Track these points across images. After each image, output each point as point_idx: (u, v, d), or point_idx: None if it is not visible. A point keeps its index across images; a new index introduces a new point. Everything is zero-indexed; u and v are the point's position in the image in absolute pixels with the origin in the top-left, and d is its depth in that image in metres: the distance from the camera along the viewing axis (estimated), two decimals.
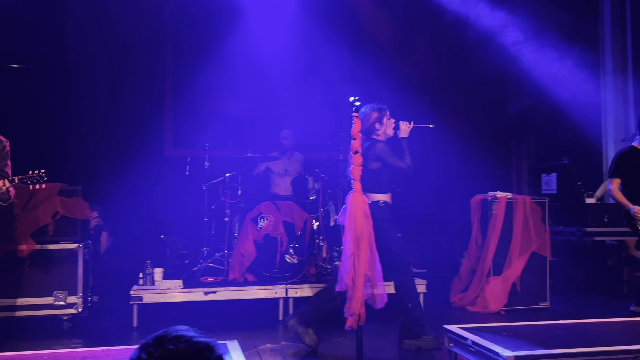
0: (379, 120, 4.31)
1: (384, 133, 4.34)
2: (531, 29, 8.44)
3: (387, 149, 4.25)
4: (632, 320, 3.57)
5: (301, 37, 7.47)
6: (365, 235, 3.10)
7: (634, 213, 4.58)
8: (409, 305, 4.05)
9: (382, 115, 4.33)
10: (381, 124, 4.32)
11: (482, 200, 5.62)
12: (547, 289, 5.52)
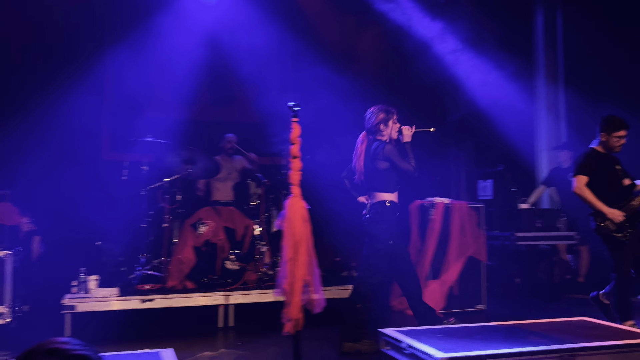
0: (385, 121, 4.42)
1: (388, 135, 4.44)
2: (469, 39, 8.70)
3: (395, 150, 4.37)
4: (559, 320, 3.72)
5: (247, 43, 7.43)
6: (304, 240, 3.11)
7: (612, 216, 4.49)
8: (358, 305, 4.13)
9: (389, 117, 4.44)
10: (386, 125, 4.42)
11: (420, 205, 5.74)
12: (483, 292, 5.69)
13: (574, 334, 3.26)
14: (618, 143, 4.59)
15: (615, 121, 4.59)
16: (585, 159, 4.62)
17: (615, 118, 4.62)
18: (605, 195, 4.58)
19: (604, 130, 4.62)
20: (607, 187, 4.61)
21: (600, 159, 4.67)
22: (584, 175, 4.60)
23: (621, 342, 2.96)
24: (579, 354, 2.87)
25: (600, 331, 3.32)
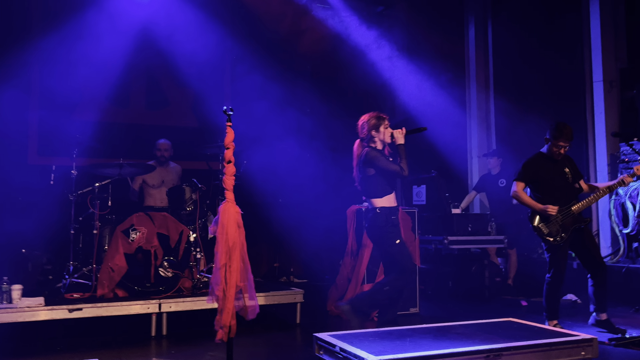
0: (376, 127, 4.47)
1: (381, 140, 4.49)
2: (404, 47, 8.92)
3: (375, 153, 4.42)
4: (486, 322, 3.84)
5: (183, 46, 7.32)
6: (238, 246, 3.07)
7: (549, 210, 4.59)
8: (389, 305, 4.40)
9: (380, 123, 4.49)
10: (377, 131, 4.47)
11: (357, 210, 5.80)
12: (417, 295, 5.80)
13: (500, 334, 3.38)
14: (557, 151, 4.74)
15: (560, 130, 4.69)
16: (525, 165, 4.81)
17: (562, 127, 4.70)
18: (548, 199, 4.70)
19: (549, 135, 4.77)
20: (549, 191, 4.73)
21: (544, 163, 4.80)
22: (520, 182, 4.77)
23: (543, 341, 3.10)
24: (504, 353, 2.98)
25: (525, 331, 3.46)
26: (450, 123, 8.36)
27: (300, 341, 4.65)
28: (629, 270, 6.12)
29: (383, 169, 4.39)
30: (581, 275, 6.58)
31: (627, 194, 6.46)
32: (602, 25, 6.97)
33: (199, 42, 7.44)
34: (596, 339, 3.25)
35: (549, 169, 4.78)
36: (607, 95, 6.94)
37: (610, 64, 6.99)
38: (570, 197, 4.72)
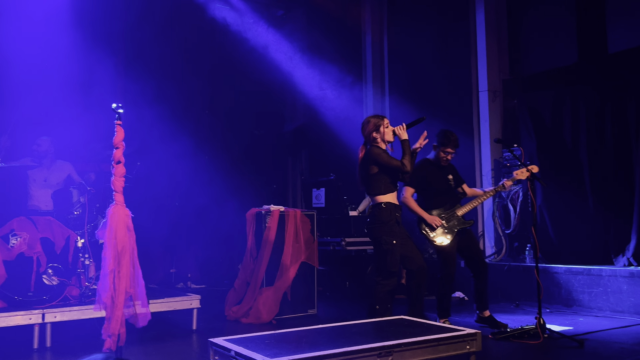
0: (376, 129, 4.46)
1: (382, 140, 4.46)
2: (306, 51, 9.02)
3: (378, 150, 4.39)
4: (380, 320, 3.95)
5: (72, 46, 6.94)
6: (127, 251, 2.94)
7: (434, 223, 4.85)
8: (376, 307, 4.28)
9: (379, 123, 4.48)
10: (378, 132, 4.46)
11: (256, 213, 5.78)
12: (315, 297, 5.87)
13: (393, 331, 3.49)
14: (445, 157, 5.02)
15: (448, 137, 4.96)
16: (414, 171, 5.01)
17: (449, 134, 4.97)
18: (435, 203, 4.98)
19: (437, 142, 5.04)
20: (436, 196, 5.00)
21: (432, 169, 5.05)
22: (409, 187, 4.98)
23: (431, 337, 3.24)
24: (395, 350, 3.08)
25: (416, 328, 3.60)
26: (349, 127, 8.56)
27: (196, 348, 4.54)
28: (510, 268, 6.57)
29: (385, 165, 4.40)
30: (468, 273, 6.98)
31: (509, 197, 6.93)
32: (487, 38, 7.45)
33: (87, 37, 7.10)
34: (480, 333, 3.45)
35: (436, 175, 5.05)
36: (491, 104, 7.42)
37: (494, 74, 7.49)
38: (453, 201, 5.03)
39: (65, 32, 6.85)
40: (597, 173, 6.34)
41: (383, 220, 4.37)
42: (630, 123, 6.07)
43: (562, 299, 6.00)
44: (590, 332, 4.76)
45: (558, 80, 6.86)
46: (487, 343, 4.35)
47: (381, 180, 4.47)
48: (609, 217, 6.19)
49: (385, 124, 4.53)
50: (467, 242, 5.01)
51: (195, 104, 8.20)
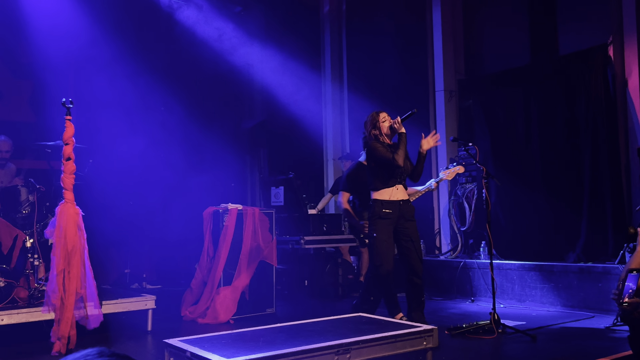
0: (373, 125, 4.53)
1: (383, 135, 4.53)
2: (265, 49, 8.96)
3: (376, 145, 4.45)
4: (337, 318, 3.95)
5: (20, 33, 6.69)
6: (78, 250, 2.85)
7: (359, 228, 5.06)
8: (371, 298, 4.46)
9: (375, 119, 4.55)
10: (375, 127, 4.53)
11: (214, 212, 5.69)
12: (273, 296, 5.83)
13: (351, 329, 3.49)
14: None
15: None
16: (348, 175, 5.15)
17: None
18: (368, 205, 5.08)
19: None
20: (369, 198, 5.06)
21: (365, 173, 5.14)
22: (345, 192, 5.21)
23: (389, 334, 3.26)
24: (352, 347, 3.08)
25: (373, 325, 3.61)
26: (308, 126, 8.55)
27: (151, 349, 4.44)
28: (465, 265, 6.69)
29: (378, 159, 4.47)
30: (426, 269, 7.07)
31: (464, 195, 7.06)
32: (444, 39, 7.57)
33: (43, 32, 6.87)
34: (436, 329, 3.49)
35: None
36: (447, 103, 7.54)
37: (450, 74, 7.61)
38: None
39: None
40: (549, 171, 6.52)
41: (371, 215, 4.56)
42: (579, 122, 6.27)
43: (515, 294, 6.15)
44: (542, 326, 4.89)
45: (512, 81, 7.02)
46: (443, 339, 4.40)
47: (375, 176, 4.58)
48: (561, 214, 6.38)
49: (381, 118, 4.63)
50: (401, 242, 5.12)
51: (150, 101, 8.03)
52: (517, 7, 7.21)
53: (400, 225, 4.62)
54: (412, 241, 4.61)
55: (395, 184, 4.58)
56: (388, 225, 4.55)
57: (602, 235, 5.96)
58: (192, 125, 8.29)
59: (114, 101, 7.65)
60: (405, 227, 4.61)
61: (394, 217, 4.57)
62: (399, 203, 4.60)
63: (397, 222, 4.61)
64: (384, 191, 4.56)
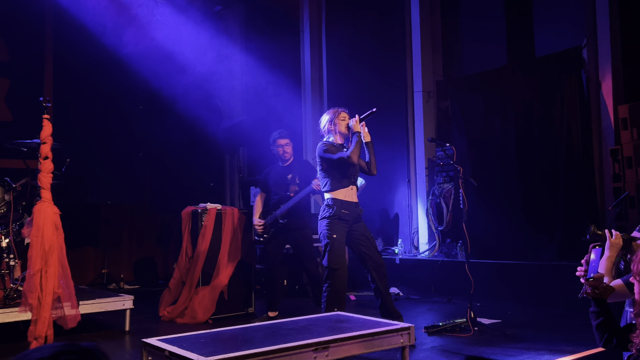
0: (330, 121, 4.50)
1: (338, 133, 4.49)
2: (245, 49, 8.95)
3: (326, 146, 4.43)
4: (316, 316, 3.98)
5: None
6: (55, 249, 2.83)
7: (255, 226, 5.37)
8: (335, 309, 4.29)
9: (333, 116, 4.51)
10: (333, 124, 4.49)
11: (193, 211, 5.68)
12: (252, 295, 5.84)
13: (329, 327, 3.53)
14: (282, 153, 5.35)
15: (275, 133, 5.38)
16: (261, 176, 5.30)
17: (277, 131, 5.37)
18: (273, 205, 5.34)
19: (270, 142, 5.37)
20: (274, 195, 5.34)
21: (271, 170, 5.43)
22: (262, 192, 5.42)
23: (366, 332, 3.29)
24: (331, 345, 3.11)
25: (351, 323, 3.65)
26: (288, 127, 8.54)
27: (129, 349, 4.42)
28: (443, 264, 6.77)
29: (330, 159, 4.40)
30: (403, 269, 7.14)
31: (442, 195, 7.14)
32: (422, 40, 7.65)
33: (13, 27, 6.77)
34: (413, 327, 3.53)
35: (274, 175, 5.42)
36: (425, 104, 7.62)
37: (429, 76, 7.69)
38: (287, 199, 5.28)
39: None
40: (525, 171, 6.63)
41: (324, 215, 4.43)
42: (555, 123, 6.39)
43: (492, 293, 6.24)
44: (518, 324, 4.98)
45: (489, 82, 7.13)
46: (420, 337, 4.46)
47: (328, 176, 4.49)
48: (536, 214, 6.49)
49: (340, 117, 4.56)
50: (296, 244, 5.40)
51: (129, 99, 7.97)
52: (494, 10, 7.33)
53: (353, 227, 4.52)
54: (368, 238, 4.55)
55: (349, 185, 4.50)
56: (344, 227, 4.45)
57: (576, 234, 6.07)
58: (170, 123, 8.24)
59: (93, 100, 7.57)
60: (357, 227, 4.52)
61: (350, 219, 4.47)
62: (354, 204, 4.52)
63: (352, 224, 4.51)
64: (339, 191, 4.46)
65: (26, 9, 7.22)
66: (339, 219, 4.41)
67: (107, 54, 7.27)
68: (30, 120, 6.38)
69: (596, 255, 2.50)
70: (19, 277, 4.90)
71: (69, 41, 7.39)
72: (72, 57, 7.54)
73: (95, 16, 7.12)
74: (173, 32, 7.76)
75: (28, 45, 7.51)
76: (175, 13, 7.83)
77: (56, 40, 7.68)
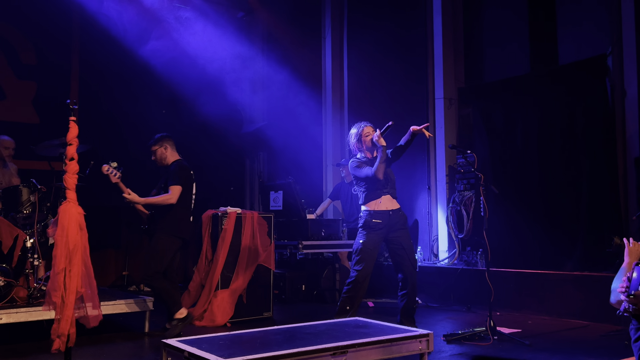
0: (358, 139, 4.68)
1: (366, 149, 4.68)
2: (266, 55, 9.01)
3: (355, 163, 4.63)
4: (334, 321, 3.99)
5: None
6: (79, 249, 2.88)
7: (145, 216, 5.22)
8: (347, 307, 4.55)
9: (358, 133, 4.67)
10: (360, 141, 4.67)
11: (213, 215, 5.72)
12: (270, 299, 5.85)
13: (347, 332, 3.53)
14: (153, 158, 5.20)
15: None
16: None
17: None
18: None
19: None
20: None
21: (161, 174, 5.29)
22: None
23: (385, 337, 3.29)
24: (349, 350, 3.11)
25: (370, 329, 3.64)
26: (308, 132, 8.59)
27: (148, 350, 4.47)
28: (462, 272, 6.71)
29: (358, 176, 4.64)
30: (423, 276, 7.10)
31: (462, 202, 7.09)
32: (444, 47, 7.63)
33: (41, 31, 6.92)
34: (432, 334, 3.52)
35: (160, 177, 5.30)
36: (446, 111, 7.59)
37: (450, 83, 7.67)
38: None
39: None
40: (547, 179, 6.56)
41: (361, 225, 4.70)
42: (578, 131, 6.31)
43: (511, 302, 6.17)
44: (537, 334, 4.92)
45: (511, 90, 7.07)
46: (439, 344, 4.43)
47: (362, 190, 4.72)
48: (558, 223, 6.41)
49: (364, 133, 4.73)
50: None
51: (152, 104, 8.07)
52: (517, 16, 7.28)
53: (390, 235, 4.70)
54: (404, 249, 4.68)
55: (381, 195, 4.69)
56: (376, 236, 4.66)
57: (599, 244, 5.98)
58: (192, 128, 8.33)
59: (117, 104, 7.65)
60: (395, 235, 4.70)
61: (384, 226, 4.66)
62: (388, 213, 4.69)
63: (388, 232, 4.69)
64: (370, 203, 4.69)
65: (53, 14, 7.37)
66: (369, 228, 4.65)
67: (132, 58, 7.39)
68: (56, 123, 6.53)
69: (638, 272, 2.47)
70: (42, 276, 5.00)
71: (95, 45, 7.53)
72: (98, 61, 7.68)
73: (121, 21, 7.25)
74: (196, 38, 7.86)
75: (55, 49, 7.67)
76: (199, 19, 7.94)
77: (82, 45, 7.82)
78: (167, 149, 5.14)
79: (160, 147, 5.14)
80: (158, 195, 5.00)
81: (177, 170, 5.01)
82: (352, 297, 4.62)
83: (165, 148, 5.14)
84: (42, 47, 7.57)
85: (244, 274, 5.60)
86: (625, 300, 2.40)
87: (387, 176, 4.70)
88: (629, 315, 2.45)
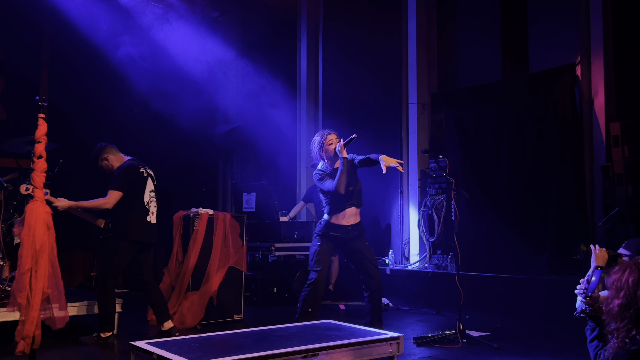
0: (320, 147, 4.56)
1: (327, 158, 4.57)
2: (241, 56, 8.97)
3: (316, 176, 4.57)
4: (306, 324, 3.99)
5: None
6: (46, 249, 2.82)
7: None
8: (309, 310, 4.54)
9: (321, 140, 4.56)
10: (322, 149, 4.55)
11: (184, 216, 5.66)
12: (242, 302, 5.81)
13: (318, 335, 3.53)
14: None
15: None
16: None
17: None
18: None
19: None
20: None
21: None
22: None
23: (355, 340, 3.30)
24: (320, 352, 3.11)
25: (341, 331, 3.65)
26: (283, 134, 8.57)
27: (116, 352, 4.39)
28: (433, 275, 6.78)
29: (322, 189, 4.57)
30: (394, 279, 7.14)
31: (434, 207, 7.16)
32: (418, 52, 7.71)
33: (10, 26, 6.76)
34: (402, 337, 3.54)
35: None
36: (419, 116, 7.66)
37: (424, 88, 7.75)
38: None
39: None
40: (517, 186, 6.67)
41: (316, 230, 4.70)
42: (547, 138, 6.44)
43: (481, 305, 6.25)
44: (506, 337, 4.99)
45: (483, 96, 7.18)
46: (409, 347, 4.46)
47: (324, 201, 4.68)
48: (527, 228, 6.52)
49: (327, 141, 4.60)
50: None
51: (124, 102, 7.95)
52: (490, 25, 7.40)
53: (347, 245, 4.69)
54: (362, 252, 4.66)
55: (344, 208, 4.61)
56: (332, 243, 4.66)
57: (566, 249, 6.10)
58: (164, 128, 8.23)
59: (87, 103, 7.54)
60: (352, 245, 4.67)
61: (339, 239, 4.65)
62: (347, 228, 4.64)
63: (344, 243, 4.68)
64: (334, 216, 4.62)
65: (24, 10, 7.22)
66: (325, 237, 4.64)
67: (104, 56, 7.27)
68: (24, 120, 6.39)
69: (596, 276, 2.55)
70: (6, 277, 4.87)
71: (67, 41, 7.39)
72: (69, 58, 7.54)
73: (92, 19, 7.13)
74: (170, 36, 7.78)
75: (25, 44, 7.50)
76: (173, 17, 7.86)
77: (53, 40, 7.67)
78: (108, 159, 4.91)
79: (102, 160, 4.92)
80: (94, 200, 4.80)
81: (119, 174, 4.79)
82: (313, 297, 4.60)
83: (107, 159, 4.91)
84: (10, 42, 7.41)
85: (215, 276, 5.55)
86: (583, 301, 2.46)
87: (352, 188, 4.60)
88: (584, 316, 2.52)
